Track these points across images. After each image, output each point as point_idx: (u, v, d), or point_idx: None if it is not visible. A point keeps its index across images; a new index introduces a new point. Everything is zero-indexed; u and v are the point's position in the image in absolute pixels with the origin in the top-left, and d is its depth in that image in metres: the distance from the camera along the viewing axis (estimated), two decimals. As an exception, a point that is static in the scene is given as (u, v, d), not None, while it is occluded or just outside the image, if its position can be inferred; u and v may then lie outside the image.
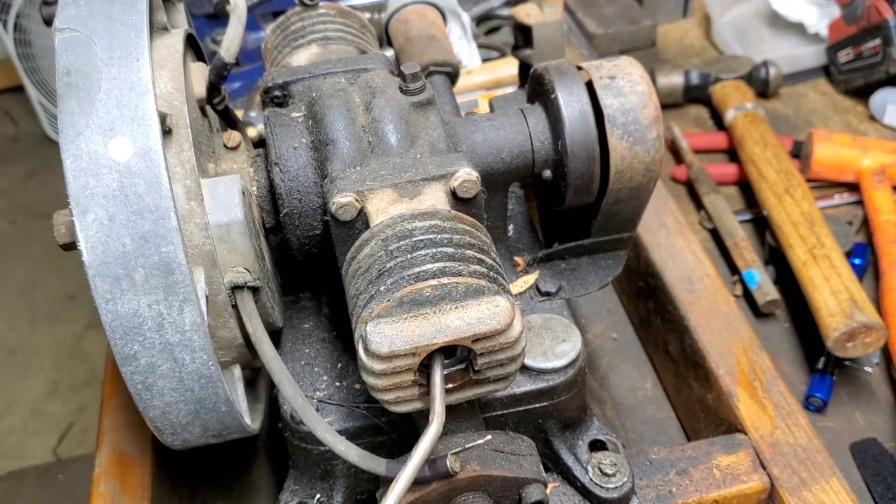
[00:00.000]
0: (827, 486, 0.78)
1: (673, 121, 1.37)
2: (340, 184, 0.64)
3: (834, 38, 1.38)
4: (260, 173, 0.75)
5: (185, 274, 0.58)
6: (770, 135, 1.23)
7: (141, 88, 0.58)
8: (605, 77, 0.72)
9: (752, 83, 1.37)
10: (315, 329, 0.79)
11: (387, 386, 0.56)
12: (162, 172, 0.57)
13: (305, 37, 0.87)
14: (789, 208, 1.09)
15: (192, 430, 0.65)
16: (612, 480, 0.74)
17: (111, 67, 0.58)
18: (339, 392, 0.73)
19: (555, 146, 0.74)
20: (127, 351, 0.59)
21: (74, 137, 0.57)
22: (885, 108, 1.32)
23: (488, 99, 0.85)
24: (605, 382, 1.03)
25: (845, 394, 0.98)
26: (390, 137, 0.68)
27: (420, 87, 0.71)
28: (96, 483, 0.84)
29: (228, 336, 0.67)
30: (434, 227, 0.58)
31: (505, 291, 0.57)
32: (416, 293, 0.54)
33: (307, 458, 0.72)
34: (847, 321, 0.91)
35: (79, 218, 0.56)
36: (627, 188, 0.74)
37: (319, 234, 0.72)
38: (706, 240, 1.19)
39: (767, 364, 0.89)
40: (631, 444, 0.96)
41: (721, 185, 1.26)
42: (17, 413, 2.22)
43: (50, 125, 2.91)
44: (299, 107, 0.75)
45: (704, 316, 0.94)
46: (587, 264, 0.82)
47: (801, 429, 0.83)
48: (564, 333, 0.75)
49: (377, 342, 0.54)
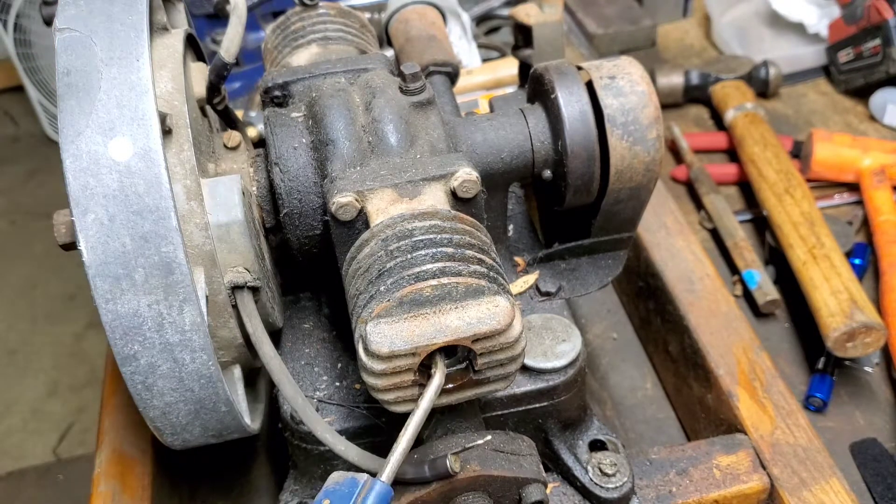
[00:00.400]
0: (827, 486, 0.78)
1: (673, 121, 1.37)
2: (340, 184, 0.64)
3: (834, 38, 1.38)
4: (260, 173, 0.75)
5: (185, 274, 0.58)
6: (770, 135, 1.23)
7: (141, 88, 0.58)
8: (605, 77, 0.72)
9: (752, 83, 1.37)
10: (315, 329, 0.79)
11: (387, 386, 0.56)
12: (162, 172, 0.57)
13: (305, 37, 0.87)
14: (789, 208, 1.09)
15: (192, 430, 0.65)
16: (612, 480, 0.74)
17: (111, 67, 0.58)
18: (339, 392, 0.73)
19: (555, 146, 0.74)
20: (127, 351, 0.59)
21: (74, 137, 0.57)
22: (885, 108, 1.32)
23: (488, 99, 0.85)
24: (605, 382, 1.03)
25: (845, 394, 0.98)
26: (390, 137, 0.68)
27: (420, 87, 0.71)
28: (96, 483, 0.84)
29: (228, 336, 0.67)
30: (434, 227, 0.58)
31: (505, 291, 0.57)
32: (416, 293, 0.54)
33: (307, 458, 0.72)
34: (847, 321, 0.91)
35: (79, 218, 0.56)
36: (627, 188, 0.74)
37: (319, 234, 0.72)
38: (706, 240, 1.19)
39: (767, 364, 0.89)
40: (631, 444, 0.96)
41: (721, 185, 1.26)
42: (17, 413, 2.22)
43: (50, 125, 2.91)
44: (299, 107, 0.75)
45: (704, 316, 0.94)
46: (587, 264, 0.82)
47: (801, 429, 0.83)
48: (564, 333, 0.75)
49: (377, 342, 0.54)
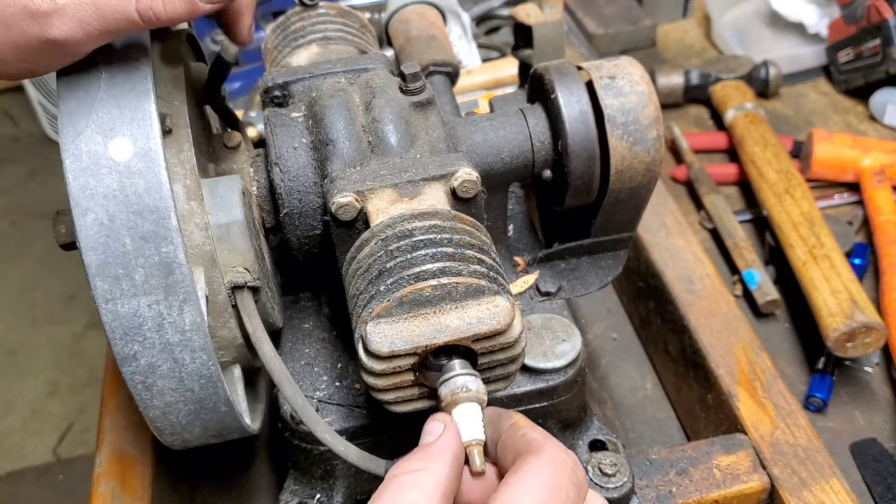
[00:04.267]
0: (827, 486, 0.78)
1: (673, 121, 1.37)
2: (340, 184, 0.64)
3: (834, 38, 1.38)
4: (260, 173, 0.75)
5: (185, 274, 0.58)
6: (770, 135, 1.23)
7: (141, 88, 0.58)
8: (605, 77, 0.72)
9: (752, 83, 1.37)
10: (315, 329, 0.79)
11: (387, 386, 0.56)
12: (162, 172, 0.57)
13: (305, 37, 0.87)
14: (789, 208, 1.09)
15: (192, 430, 0.65)
16: (612, 480, 0.74)
17: (111, 67, 0.58)
18: (339, 392, 0.73)
19: (555, 146, 0.74)
20: (127, 351, 0.59)
21: (74, 137, 0.57)
22: (885, 108, 1.32)
23: (488, 99, 0.85)
24: (605, 382, 1.03)
25: (845, 394, 0.98)
26: (390, 137, 0.68)
27: (420, 87, 0.71)
28: (96, 483, 0.84)
29: (228, 336, 0.67)
30: (434, 227, 0.58)
31: (505, 291, 0.57)
32: (416, 293, 0.54)
33: (307, 458, 0.72)
34: (847, 321, 0.91)
35: (79, 218, 0.56)
36: (627, 188, 0.74)
37: (319, 234, 0.72)
38: (706, 240, 1.19)
39: (767, 364, 0.89)
40: (631, 444, 0.96)
41: (721, 185, 1.26)
42: (17, 413, 2.22)
43: (50, 125, 2.91)
44: (299, 107, 0.75)
45: (704, 316, 0.94)
46: (587, 264, 0.82)
47: (801, 429, 0.83)
48: (564, 333, 0.75)
49: (377, 342, 0.54)
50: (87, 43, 0.55)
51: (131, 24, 0.54)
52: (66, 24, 0.53)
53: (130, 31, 0.55)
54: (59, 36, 0.53)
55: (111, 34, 0.55)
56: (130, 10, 0.54)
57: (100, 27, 0.54)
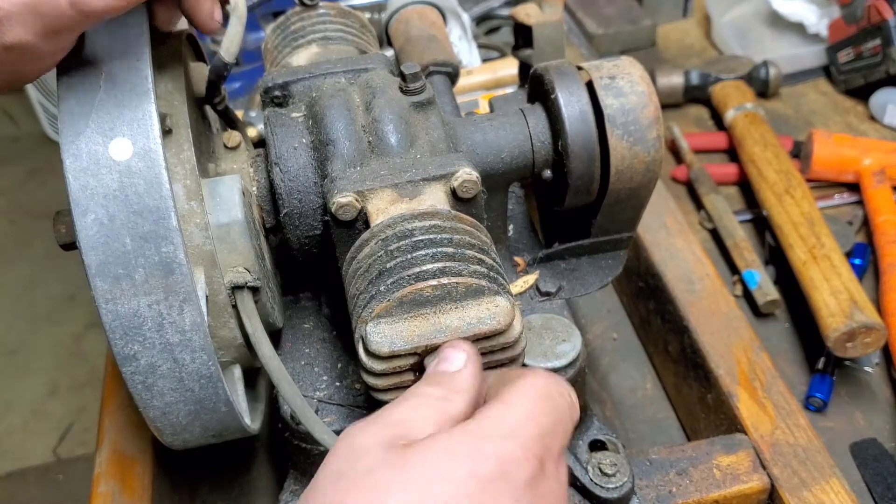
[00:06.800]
0: (827, 486, 0.78)
1: (673, 121, 1.37)
2: (340, 184, 0.64)
3: (834, 38, 1.38)
4: (260, 173, 0.75)
5: (186, 274, 0.58)
6: (770, 135, 1.23)
7: (141, 88, 0.58)
8: (605, 77, 0.72)
9: (752, 83, 1.37)
10: (315, 329, 0.79)
11: (387, 386, 0.56)
12: (162, 172, 0.57)
13: (305, 37, 0.87)
14: (789, 208, 1.09)
15: (192, 430, 0.65)
16: (612, 480, 0.74)
17: (111, 67, 0.58)
18: (339, 392, 0.73)
19: (555, 146, 0.74)
20: (127, 351, 0.59)
21: (74, 137, 0.57)
22: (885, 108, 1.32)
23: (488, 99, 0.85)
24: (605, 382, 1.03)
25: (845, 394, 0.98)
26: (390, 137, 0.68)
27: (420, 87, 0.71)
28: (96, 483, 0.84)
29: (228, 336, 0.67)
30: (434, 227, 0.58)
31: (505, 291, 0.57)
32: (416, 293, 0.54)
33: (307, 458, 0.72)
34: (847, 321, 0.91)
35: (79, 218, 0.56)
36: (627, 188, 0.74)
37: (319, 234, 0.72)
38: (706, 240, 1.19)
39: (767, 364, 0.89)
40: (631, 444, 0.96)
41: (721, 185, 1.26)
42: (17, 413, 2.22)
43: (50, 125, 2.91)
44: (299, 107, 0.75)
45: (704, 316, 0.94)
46: (587, 264, 0.82)
47: (801, 429, 0.83)
48: (564, 333, 0.75)
49: (377, 342, 0.54)
50: (43, 44, 0.54)
51: (69, 20, 0.53)
52: (15, 28, 0.53)
53: (76, 27, 0.55)
54: (13, 41, 0.53)
55: (58, 32, 0.54)
56: (62, 5, 0.53)
57: (43, 25, 0.53)
